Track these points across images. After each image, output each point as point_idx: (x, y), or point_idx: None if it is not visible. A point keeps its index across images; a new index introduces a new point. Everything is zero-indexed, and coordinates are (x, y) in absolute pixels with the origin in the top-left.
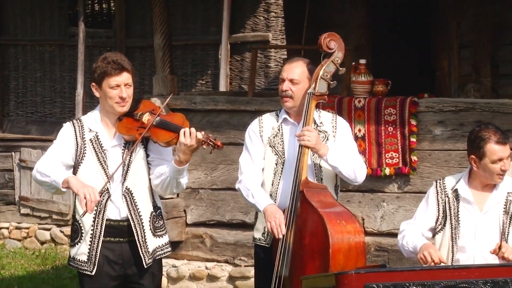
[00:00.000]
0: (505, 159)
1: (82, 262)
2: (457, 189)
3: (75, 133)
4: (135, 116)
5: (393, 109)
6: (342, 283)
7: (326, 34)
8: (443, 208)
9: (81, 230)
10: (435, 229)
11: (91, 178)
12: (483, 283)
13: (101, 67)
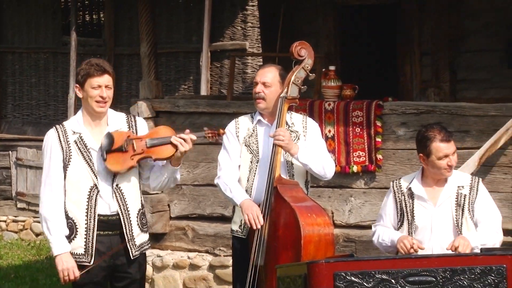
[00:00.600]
0: (450, 155)
1: (79, 255)
2: (411, 187)
3: (59, 138)
4: (121, 149)
5: (360, 112)
6: (313, 272)
7: (297, 42)
8: (400, 207)
9: (75, 226)
10: (396, 226)
11: (79, 177)
12: (442, 271)
13: (85, 69)
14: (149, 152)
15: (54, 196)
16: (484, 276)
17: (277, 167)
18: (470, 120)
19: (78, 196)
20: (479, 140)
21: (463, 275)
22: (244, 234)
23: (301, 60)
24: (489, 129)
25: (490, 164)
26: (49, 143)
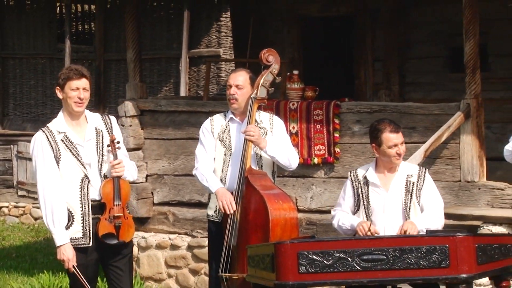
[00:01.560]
0: (399, 144)
1: (78, 239)
2: (366, 176)
3: (48, 139)
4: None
5: (320, 111)
6: (280, 251)
7: (265, 50)
8: (357, 193)
9: (71, 214)
10: (353, 211)
11: (71, 170)
12: (393, 250)
13: (65, 73)
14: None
15: (54, 192)
16: (429, 255)
17: (247, 159)
18: (416, 118)
19: (71, 187)
20: (424, 135)
21: (411, 254)
22: (218, 219)
23: (269, 65)
24: (433, 126)
25: (434, 157)
26: (39, 144)
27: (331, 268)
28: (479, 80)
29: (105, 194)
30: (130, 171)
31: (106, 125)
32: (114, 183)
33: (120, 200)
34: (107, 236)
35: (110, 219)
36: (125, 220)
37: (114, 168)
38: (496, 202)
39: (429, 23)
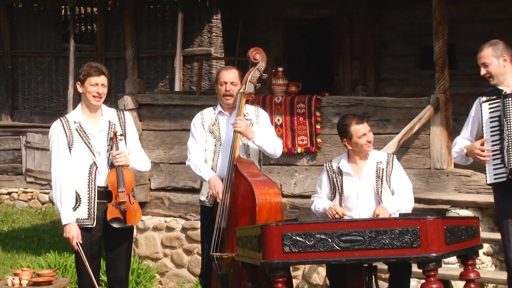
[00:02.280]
0: (367, 133)
1: (83, 219)
2: (339, 166)
3: (63, 127)
4: (116, 206)
5: (303, 104)
6: (266, 232)
7: (253, 48)
8: (332, 182)
9: (79, 197)
10: (330, 198)
11: (81, 157)
12: (369, 232)
13: (86, 70)
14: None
15: (65, 176)
16: (402, 236)
17: (236, 149)
18: (390, 111)
19: (81, 172)
20: (397, 127)
21: (385, 235)
22: (210, 204)
23: (256, 63)
24: (406, 118)
25: (407, 146)
26: (55, 132)
27: (312, 248)
28: (447, 77)
29: (110, 183)
30: (141, 162)
31: (119, 119)
32: (118, 172)
33: (124, 187)
34: (114, 220)
35: (116, 205)
36: (131, 205)
37: (115, 158)
38: (463, 187)
39: (402, 24)
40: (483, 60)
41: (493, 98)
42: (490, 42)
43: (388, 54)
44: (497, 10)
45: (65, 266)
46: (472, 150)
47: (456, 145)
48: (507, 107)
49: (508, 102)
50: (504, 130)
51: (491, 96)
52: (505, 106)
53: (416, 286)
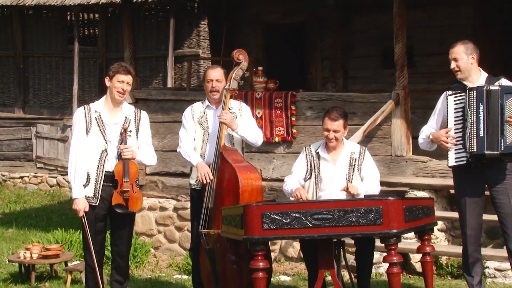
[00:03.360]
0: (331, 130)
1: (90, 197)
2: (318, 152)
3: (85, 114)
4: (120, 193)
5: (280, 99)
6: (248, 212)
7: (236, 50)
8: (310, 164)
9: (89, 177)
10: (305, 178)
11: (95, 143)
12: (338, 211)
13: (116, 67)
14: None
15: (79, 156)
16: (367, 214)
17: (222, 138)
18: (356, 105)
19: (92, 156)
20: (363, 119)
21: (352, 214)
22: (199, 186)
23: (239, 63)
24: (370, 111)
25: (371, 136)
26: (77, 116)
27: (288, 225)
28: (406, 75)
29: (117, 172)
30: (148, 157)
31: (135, 117)
32: (124, 164)
33: (129, 177)
34: (118, 206)
35: (121, 192)
36: (133, 194)
37: (123, 151)
38: (420, 172)
39: (367, 29)
40: (454, 55)
41: (458, 92)
42: (462, 41)
43: (354, 55)
44: (449, 16)
45: (71, 241)
46: (438, 137)
47: (423, 132)
48: (471, 99)
49: (472, 94)
50: (467, 119)
51: (456, 90)
52: (469, 98)
53: (379, 259)
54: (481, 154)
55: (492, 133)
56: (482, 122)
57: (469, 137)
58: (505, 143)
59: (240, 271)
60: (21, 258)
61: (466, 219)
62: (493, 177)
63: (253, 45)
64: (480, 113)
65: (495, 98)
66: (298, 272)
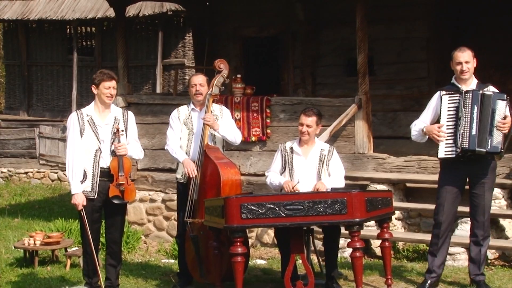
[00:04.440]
0: (305, 124)
1: (88, 192)
2: (292, 147)
3: (78, 118)
4: (116, 186)
5: (257, 103)
6: (227, 203)
7: (218, 59)
8: (285, 159)
9: (85, 174)
10: (280, 171)
11: (89, 143)
12: (307, 202)
13: (100, 76)
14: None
15: (75, 156)
16: (333, 205)
17: (205, 137)
18: (324, 108)
19: (88, 155)
20: (329, 121)
21: (320, 205)
22: (184, 180)
23: (220, 71)
24: (336, 114)
25: (337, 136)
26: (71, 121)
27: (264, 215)
28: (367, 82)
29: (112, 168)
30: (136, 152)
31: (123, 116)
32: (119, 160)
33: (123, 172)
34: (115, 197)
35: (117, 185)
36: (128, 186)
37: (117, 149)
38: (379, 168)
39: (333, 41)
40: (467, 59)
41: (452, 93)
42: (464, 47)
43: (322, 64)
44: (406, 30)
45: (70, 230)
46: (431, 130)
47: (416, 126)
48: (466, 100)
49: (468, 96)
50: (461, 118)
51: (450, 92)
52: (464, 99)
53: (344, 244)
54: (472, 150)
55: (482, 132)
56: (475, 122)
57: (462, 134)
58: (492, 143)
59: (221, 255)
60: (25, 245)
61: (444, 207)
62: (476, 172)
63: (232, 55)
64: (474, 114)
65: (488, 102)
66: (272, 257)
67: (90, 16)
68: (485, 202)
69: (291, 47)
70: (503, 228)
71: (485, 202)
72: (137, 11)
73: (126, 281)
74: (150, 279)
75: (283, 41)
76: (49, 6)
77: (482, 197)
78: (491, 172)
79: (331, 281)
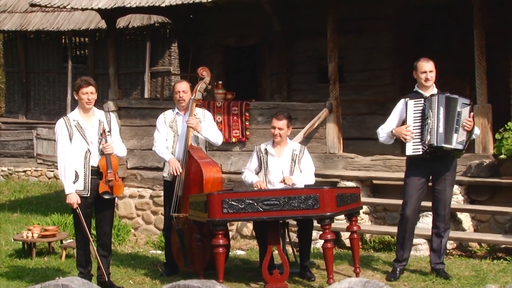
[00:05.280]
0: (277, 127)
1: (81, 190)
2: (266, 148)
3: (65, 124)
4: (106, 182)
5: (237, 107)
6: (210, 199)
7: (201, 67)
8: (260, 159)
9: (77, 174)
10: (256, 170)
11: (79, 145)
12: (283, 198)
13: (78, 83)
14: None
15: (66, 159)
16: (306, 201)
17: (189, 139)
18: (298, 112)
19: (78, 157)
20: (303, 123)
21: (294, 200)
22: (170, 178)
23: (203, 78)
24: (309, 117)
25: (310, 137)
26: (59, 127)
27: (243, 210)
28: (337, 88)
29: (101, 166)
30: (120, 150)
31: (106, 118)
32: (107, 158)
33: (111, 169)
34: (105, 193)
35: (106, 182)
36: (116, 182)
37: (105, 148)
38: (348, 166)
39: (306, 51)
40: (430, 68)
41: (417, 98)
42: (427, 58)
43: (296, 71)
44: (373, 41)
45: (65, 223)
46: (400, 131)
47: (383, 130)
48: (432, 102)
49: (434, 99)
50: (429, 118)
51: (415, 98)
52: (431, 102)
53: (316, 236)
54: (439, 146)
55: (449, 131)
56: (442, 122)
57: (430, 132)
58: (457, 141)
59: (204, 247)
60: (24, 237)
61: (410, 202)
62: (439, 169)
63: (214, 63)
64: (440, 114)
65: (454, 104)
66: (251, 248)
67: (83, 27)
68: (446, 197)
69: (268, 56)
70: (460, 221)
71: (446, 197)
72: (127, 23)
73: (117, 271)
74: (139, 269)
75: (260, 50)
76: (46, 18)
77: (444, 192)
78: (452, 169)
79: (304, 269)
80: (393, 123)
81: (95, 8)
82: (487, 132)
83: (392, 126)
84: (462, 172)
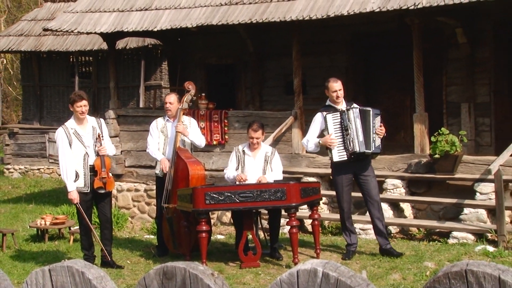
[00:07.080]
0: (255, 138)
1: (81, 187)
2: (244, 150)
3: (65, 131)
4: (100, 179)
5: (217, 115)
6: (195, 192)
7: (187, 82)
8: (238, 159)
9: (78, 173)
10: (236, 168)
11: (78, 149)
12: (256, 191)
13: (72, 97)
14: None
15: (67, 162)
16: (275, 193)
17: (177, 142)
18: (268, 119)
19: (78, 159)
20: (273, 129)
21: (265, 193)
22: (161, 175)
23: (189, 90)
24: (278, 124)
25: (278, 140)
26: (59, 135)
27: (222, 201)
28: (301, 99)
29: (96, 165)
30: (111, 149)
31: (98, 124)
32: (101, 159)
33: (105, 167)
34: (99, 188)
35: (100, 179)
36: (109, 179)
37: (100, 150)
38: (311, 164)
39: (275, 68)
40: (340, 87)
41: (333, 112)
42: (335, 78)
43: (267, 86)
44: (330, 61)
45: (73, 213)
46: (326, 140)
47: (309, 141)
48: (350, 115)
49: (351, 112)
50: (349, 129)
51: (331, 111)
52: (348, 115)
53: (284, 223)
54: (362, 152)
55: (367, 138)
56: (361, 131)
57: (352, 141)
58: (375, 146)
59: (190, 232)
60: (38, 225)
61: (342, 197)
62: (361, 168)
63: (198, 78)
64: (357, 125)
65: (368, 116)
66: (229, 233)
67: (88, 48)
68: (372, 187)
69: (243, 73)
70: (402, 210)
71: (372, 187)
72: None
73: (116, 252)
74: (135, 251)
75: (237, 68)
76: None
77: (369, 184)
78: (370, 167)
79: (274, 251)
80: (315, 134)
81: (98, 32)
82: (424, 136)
83: (315, 136)
84: (403, 169)
